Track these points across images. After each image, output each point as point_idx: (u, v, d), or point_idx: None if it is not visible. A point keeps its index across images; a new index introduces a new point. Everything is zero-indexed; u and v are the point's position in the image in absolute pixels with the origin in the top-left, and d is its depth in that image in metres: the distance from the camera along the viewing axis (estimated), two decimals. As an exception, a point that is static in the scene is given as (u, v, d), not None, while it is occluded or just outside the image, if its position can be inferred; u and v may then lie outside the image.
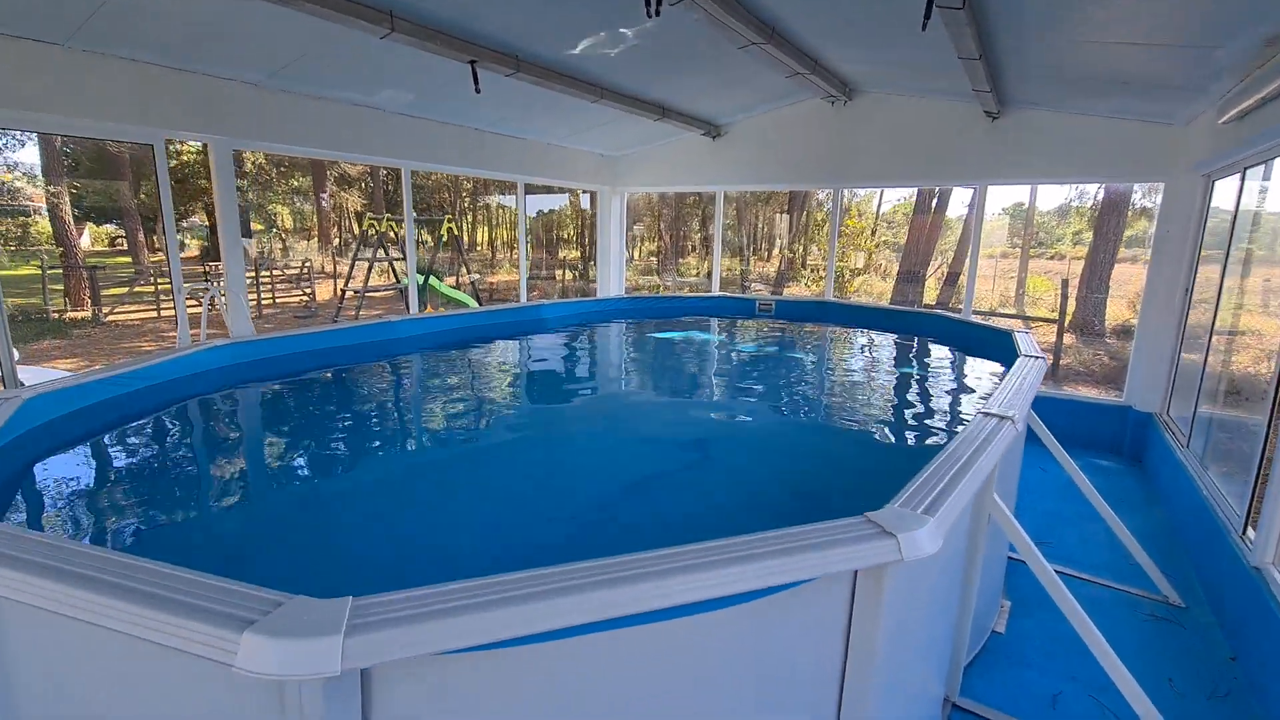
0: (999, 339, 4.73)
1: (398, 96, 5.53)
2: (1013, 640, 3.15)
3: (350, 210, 24.07)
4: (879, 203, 17.74)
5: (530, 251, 20.53)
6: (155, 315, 14.11)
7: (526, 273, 8.48)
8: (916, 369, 5.62)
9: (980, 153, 6.36)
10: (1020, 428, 2.57)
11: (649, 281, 18.47)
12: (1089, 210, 14.88)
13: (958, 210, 14.96)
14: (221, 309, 4.96)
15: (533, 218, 20.96)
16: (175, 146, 18.78)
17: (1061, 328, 11.52)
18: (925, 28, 3.50)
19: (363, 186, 24.18)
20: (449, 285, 14.91)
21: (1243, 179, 4.34)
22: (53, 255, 15.21)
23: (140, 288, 15.36)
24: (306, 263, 19.12)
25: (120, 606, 1.08)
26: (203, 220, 21.86)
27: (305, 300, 16.84)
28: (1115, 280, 11.85)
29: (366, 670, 1.12)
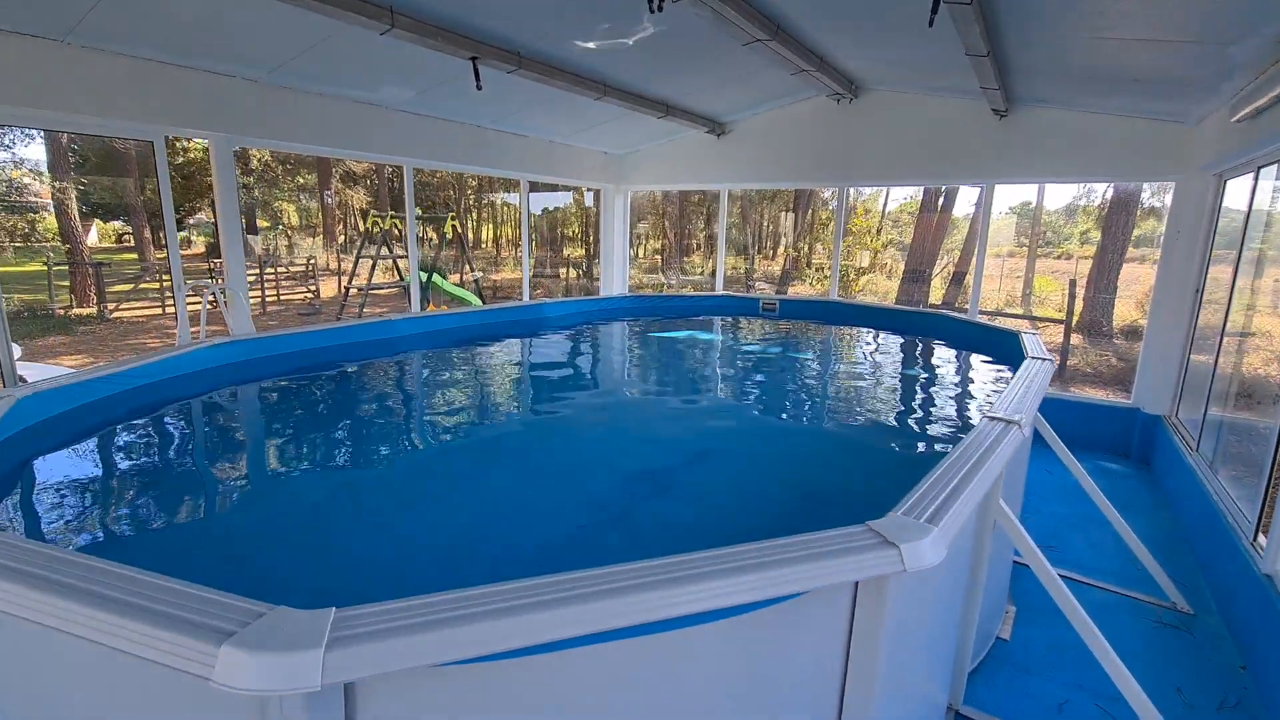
0: (1005, 340, 4.68)
1: (399, 93, 5.50)
2: (1018, 647, 3.10)
3: (355, 207, 24.12)
4: (885, 201, 17.65)
5: (534, 249, 20.51)
6: (160, 312, 14.16)
7: (530, 271, 8.44)
8: (921, 370, 5.56)
9: (987, 151, 6.29)
10: (1027, 432, 2.52)
11: (654, 280, 18.42)
12: (1097, 210, 14.76)
13: (964, 209, 14.89)
14: (222, 307, 4.94)
15: (537, 215, 20.93)
16: (182, 144, 18.84)
17: (1069, 328, 11.43)
18: (932, 23, 3.45)
19: (368, 184, 24.22)
20: (453, 283, 14.91)
21: (1256, 178, 4.27)
22: (58, 252, 15.27)
23: (145, 284, 15.40)
24: (311, 260, 19.14)
25: (95, 615, 1.05)
26: (209, 217, 21.93)
27: (309, 298, 16.86)
28: (1123, 280, 11.76)
29: (351, 684, 1.09)
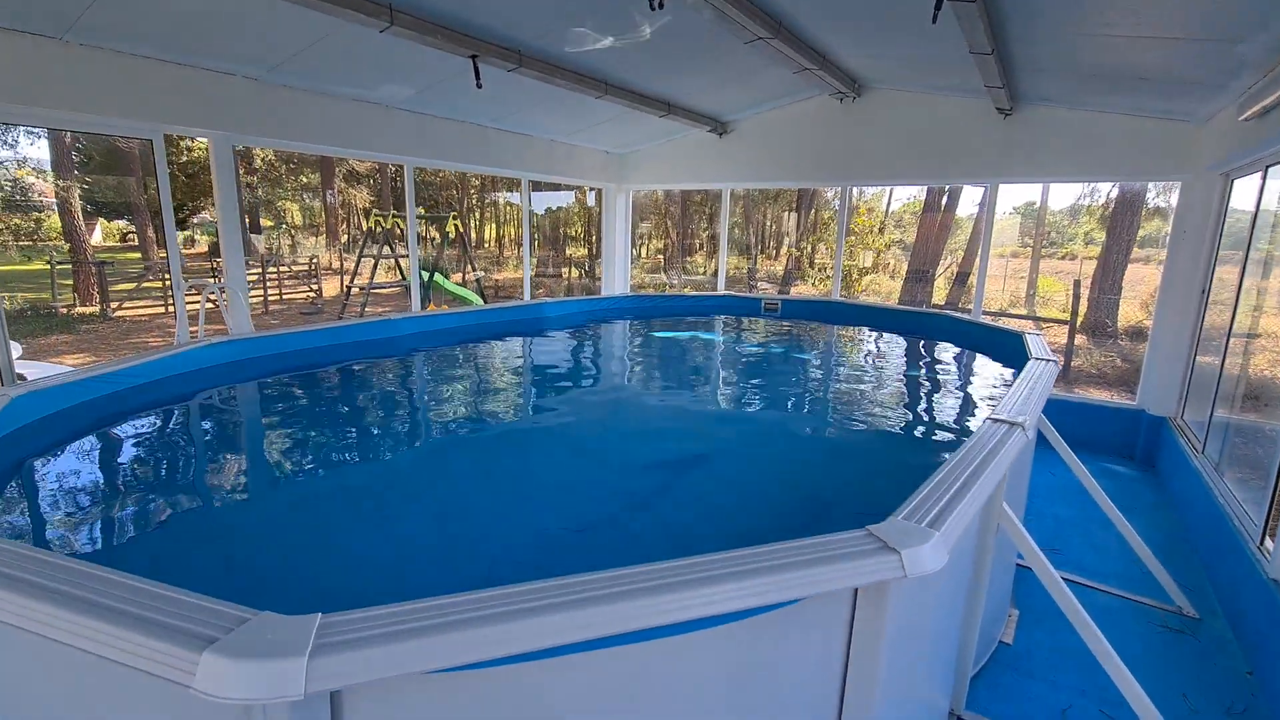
0: (1009, 341, 4.64)
1: (399, 92, 5.48)
2: (1020, 651, 3.07)
3: (358, 207, 24.15)
4: (888, 201, 17.58)
5: (536, 249, 20.49)
6: (163, 311, 14.17)
7: (531, 270, 8.42)
8: (924, 371, 5.52)
9: (991, 150, 6.25)
10: (1031, 434, 2.48)
11: (656, 279, 18.39)
12: (1101, 210, 14.68)
13: (968, 209, 14.80)
14: (221, 306, 4.93)
15: (540, 215, 20.91)
16: (186, 142, 18.88)
17: (1073, 329, 11.37)
18: (936, 20, 3.42)
19: (371, 183, 24.25)
20: (455, 282, 14.90)
21: (1264, 178, 4.23)
22: (61, 251, 15.30)
23: (149, 283, 15.42)
24: (314, 259, 19.15)
25: (70, 618, 1.02)
26: (212, 216, 21.96)
27: (312, 297, 16.87)
28: (1128, 281, 11.69)
29: (337, 692, 1.06)
